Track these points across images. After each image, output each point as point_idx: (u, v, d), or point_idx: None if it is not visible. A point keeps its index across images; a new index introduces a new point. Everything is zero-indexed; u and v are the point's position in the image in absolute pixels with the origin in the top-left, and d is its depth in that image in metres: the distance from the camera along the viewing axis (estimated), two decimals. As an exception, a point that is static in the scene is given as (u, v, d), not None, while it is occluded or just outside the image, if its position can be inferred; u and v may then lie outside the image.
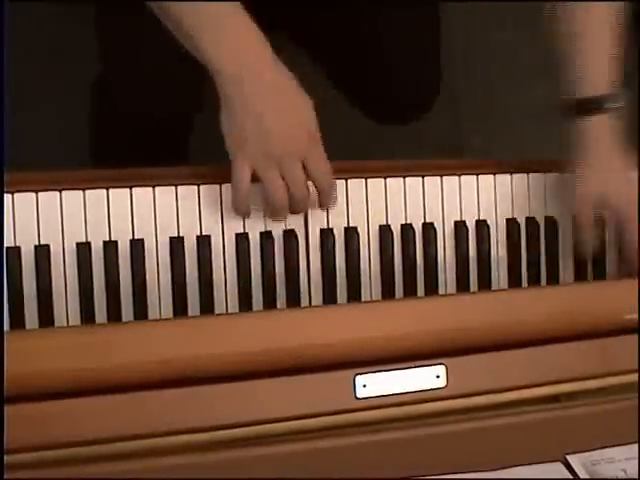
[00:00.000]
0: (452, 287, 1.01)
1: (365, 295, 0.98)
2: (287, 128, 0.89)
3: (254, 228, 0.95)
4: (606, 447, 0.75)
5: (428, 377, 0.76)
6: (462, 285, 1.01)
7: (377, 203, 0.99)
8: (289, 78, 0.91)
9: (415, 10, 1.18)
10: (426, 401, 0.76)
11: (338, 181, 0.97)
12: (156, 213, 0.93)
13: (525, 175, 1.05)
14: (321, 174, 0.92)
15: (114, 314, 0.91)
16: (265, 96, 0.89)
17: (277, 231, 0.96)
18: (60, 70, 1.52)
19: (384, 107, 1.33)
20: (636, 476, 0.73)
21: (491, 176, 1.04)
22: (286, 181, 0.90)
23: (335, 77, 1.32)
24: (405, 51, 1.25)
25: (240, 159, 0.90)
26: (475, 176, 1.03)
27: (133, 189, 0.92)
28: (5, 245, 0.88)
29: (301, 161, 0.90)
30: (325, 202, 0.95)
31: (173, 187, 0.93)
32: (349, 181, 0.98)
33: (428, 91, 1.31)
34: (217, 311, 0.93)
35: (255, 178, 0.91)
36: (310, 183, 0.93)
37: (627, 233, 1.01)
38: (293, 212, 0.94)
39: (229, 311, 0.94)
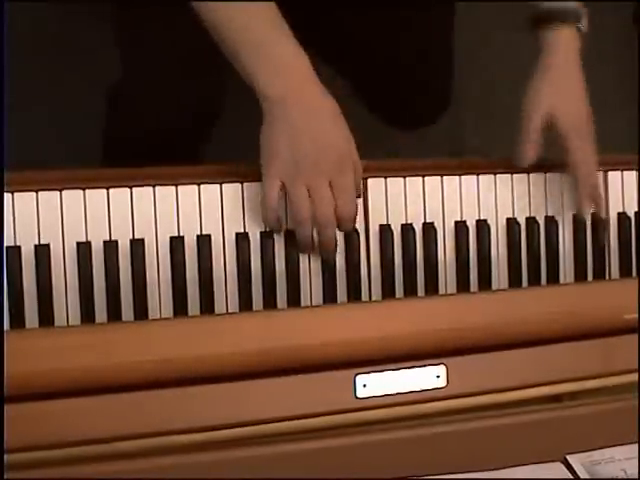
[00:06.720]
0: (452, 287, 1.01)
1: (365, 295, 0.98)
2: (318, 149, 0.92)
3: (254, 228, 0.95)
4: (606, 447, 0.75)
5: (428, 377, 0.76)
6: (462, 285, 1.01)
7: (377, 203, 0.99)
8: (330, 104, 0.93)
9: (430, 15, 1.19)
10: (426, 401, 0.76)
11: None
12: (156, 213, 0.93)
13: (525, 175, 1.05)
14: (343, 202, 0.93)
15: (114, 314, 0.91)
16: (304, 118, 0.92)
17: (277, 231, 0.96)
18: (60, 70, 1.52)
19: (396, 111, 1.33)
20: (636, 476, 0.73)
21: (491, 176, 1.04)
22: (311, 199, 0.92)
23: (346, 77, 1.32)
24: (419, 56, 1.25)
25: (270, 173, 0.92)
26: (475, 176, 1.03)
27: (133, 189, 0.92)
28: (5, 245, 0.88)
29: (328, 182, 0.92)
30: (342, 227, 0.95)
31: (173, 187, 0.93)
32: (349, 181, 0.98)
33: (441, 96, 1.31)
34: (217, 311, 0.93)
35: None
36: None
37: (572, 153, 1.03)
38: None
39: (229, 311, 0.94)
